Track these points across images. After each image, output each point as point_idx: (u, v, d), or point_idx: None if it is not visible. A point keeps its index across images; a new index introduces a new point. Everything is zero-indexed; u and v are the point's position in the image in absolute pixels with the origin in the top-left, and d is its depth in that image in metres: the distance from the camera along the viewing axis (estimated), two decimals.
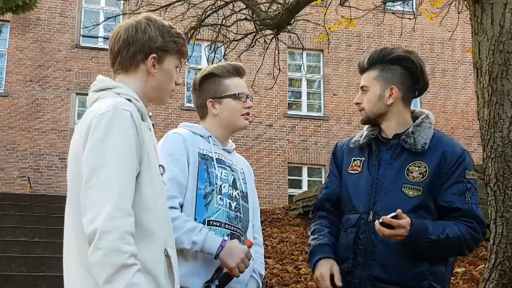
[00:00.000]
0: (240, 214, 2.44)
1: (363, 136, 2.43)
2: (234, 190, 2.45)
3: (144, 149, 1.78)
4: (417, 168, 2.27)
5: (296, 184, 15.74)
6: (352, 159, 2.43)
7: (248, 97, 2.52)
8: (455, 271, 6.50)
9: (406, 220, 2.12)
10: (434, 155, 2.27)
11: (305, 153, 15.89)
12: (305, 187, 15.40)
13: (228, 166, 2.48)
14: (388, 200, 2.26)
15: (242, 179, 2.54)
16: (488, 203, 4.71)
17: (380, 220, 2.13)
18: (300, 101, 16.74)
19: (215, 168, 2.41)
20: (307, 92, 16.83)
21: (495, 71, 4.67)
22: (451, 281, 6.19)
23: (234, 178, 2.49)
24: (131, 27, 1.93)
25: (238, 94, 2.49)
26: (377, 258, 2.23)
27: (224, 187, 2.41)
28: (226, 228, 2.36)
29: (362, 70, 2.43)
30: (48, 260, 6.57)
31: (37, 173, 14.47)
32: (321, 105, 16.58)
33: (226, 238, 2.28)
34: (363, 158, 2.39)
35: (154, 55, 1.91)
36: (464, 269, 6.61)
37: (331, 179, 2.52)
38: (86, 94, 1.93)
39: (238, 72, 2.54)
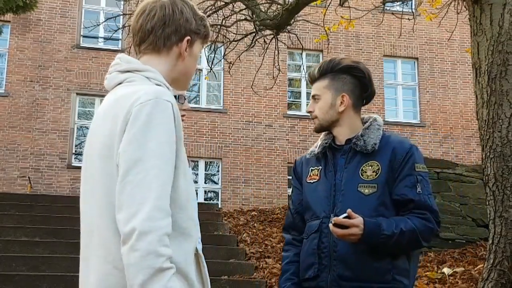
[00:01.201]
0: None
1: (317, 146, 2.52)
2: None
3: (180, 143, 1.67)
4: (370, 167, 2.36)
5: None
6: (310, 169, 2.51)
7: (185, 99, 2.53)
8: (454, 270, 6.53)
9: (358, 219, 2.19)
10: (384, 153, 2.36)
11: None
12: None
13: None
14: (346, 201, 2.33)
15: None
16: (487, 203, 4.73)
17: (332, 222, 2.20)
18: (300, 101, 16.76)
19: None
20: (307, 92, 16.84)
21: (494, 71, 4.69)
22: (451, 280, 6.21)
23: None
24: (167, 5, 1.80)
25: (178, 96, 2.47)
26: (339, 257, 2.29)
27: None
28: None
29: (313, 80, 2.52)
30: (48, 260, 6.60)
31: (37, 173, 14.48)
32: None
33: None
34: (320, 167, 2.47)
35: (188, 37, 1.81)
36: (463, 268, 6.63)
37: (295, 192, 2.58)
38: (86, 94, 1.86)
39: None
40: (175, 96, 2.42)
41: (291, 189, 2.62)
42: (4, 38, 14.96)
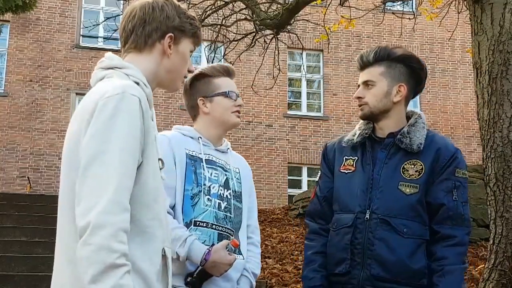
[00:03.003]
0: (231, 214, 2.43)
1: (356, 135, 2.42)
2: (225, 190, 2.44)
3: (148, 140, 1.65)
4: (412, 166, 2.28)
5: (296, 184, 15.74)
6: (344, 158, 2.42)
7: (238, 96, 2.52)
8: None
9: None
10: (428, 154, 2.29)
11: (305, 153, 15.89)
12: (304, 187, 15.40)
13: (219, 166, 2.48)
14: (385, 198, 2.26)
15: (237, 178, 2.53)
16: (488, 203, 4.72)
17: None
18: (300, 101, 16.74)
19: (204, 169, 2.40)
20: (307, 92, 16.83)
21: (494, 71, 4.68)
22: None
23: (226, 178, 2.48)
24: (147, 5, 1.81)
25: (228, 92, 2.48)
26: (376, 257, 2.23)
27: (213, 188, 2.40)
28: (213, 229, 2.35)
29: (366, 65, 2.40)
30: (48, 260, 6.57)
31: (37, 173, 14.47)
32: (321, 105, 16.59)
33: (209, 248, 2.25)
34: (356, 157, 2.38)
35: (171, 34, 1.81)
36: None
37: (324, 179, 2.50)
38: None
39: (228, 72, 2.55)
40: (226, 93, 2.46)
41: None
42: (4, 37, 14.96)
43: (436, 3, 8.61)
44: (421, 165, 2.27)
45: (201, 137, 2.48)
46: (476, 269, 6.49)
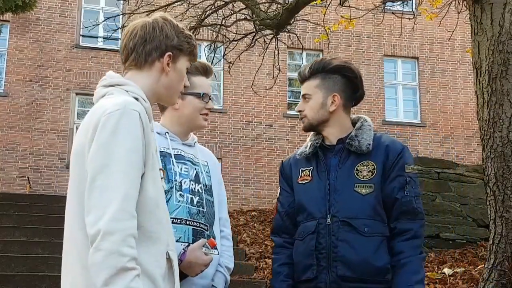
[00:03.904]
0: (203, 208, 2.41)
1: (308, 147, 2.52)
2: (196, 184, 2.43)
3: (149, 151, 1.77)
4: (365, 167, 2.37)
5: None
6: (300, 169, 2.50)
7: (211, 99, 2.53)
8: (455, 270, 6.51)
9: None
10: (378, 153, 2.39)
11: None
12: None
13: (188, 160, 2.46)
14: (343, 201, 2.34)
15: (206, 172, 2.52)
16: (488, 203, 4.72)
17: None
18: (300, 101, 16.73)
19: (173, 165, 2.39)
20: None
21: (494, 71, 4.68)
22: (451, 281, 6.19)
23: (196, 172, 2.46)
24: (148, 24, 1.93)
25: (202, 94, 2.48)
26: (340, 258, 2.29)
27: (184, 183, 2.39)
28: (188, 224, 2.33)
29: (303, 79, 2.53)
30: (47, 260, 6.58)
31: (36, 173, 14.46)
32: None
33: (185, 248, 2.25)
34: (311, 167, 2.47)
35: (170, 53, 1.92)
36: (463, 269, 6.62)
37: (284, 195, 2.56)
38: (86, 94, 1.89)
39: (206, 71, 2.54)
40: (200, 94, 2.46)
41: (278, 191, 2.60)
42: (3, 37, 14.96)
43: (436, 3, 8.61)
44: (373, 165, 2.37)
45: (168, 132, 2.48)
46: (475, 269, 6.49)
